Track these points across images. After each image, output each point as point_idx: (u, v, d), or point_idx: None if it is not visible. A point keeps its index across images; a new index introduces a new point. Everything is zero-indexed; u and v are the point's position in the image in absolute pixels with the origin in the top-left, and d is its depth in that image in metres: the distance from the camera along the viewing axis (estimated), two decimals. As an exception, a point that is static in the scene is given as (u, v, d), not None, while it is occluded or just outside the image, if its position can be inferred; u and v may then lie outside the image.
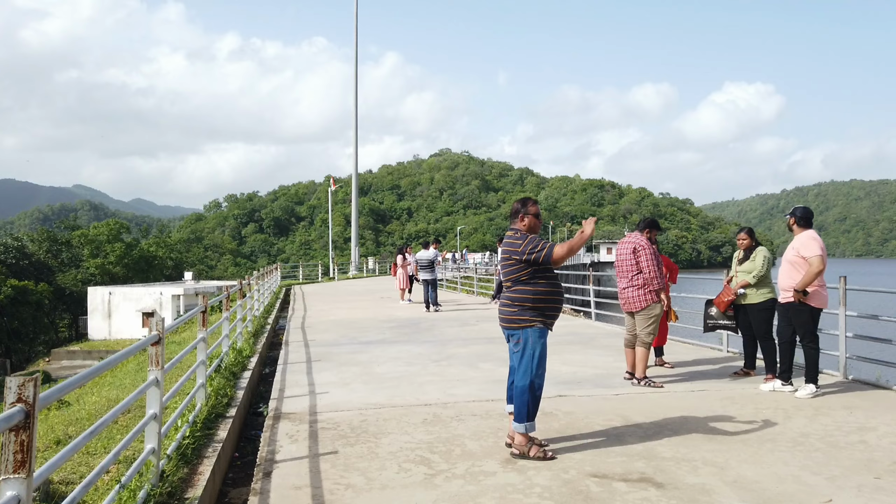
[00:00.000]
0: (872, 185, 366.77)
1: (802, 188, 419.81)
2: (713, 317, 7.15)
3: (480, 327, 11.83)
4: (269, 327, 13.09)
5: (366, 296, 20.78)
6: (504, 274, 4.55)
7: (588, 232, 4.36)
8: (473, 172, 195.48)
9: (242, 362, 8.39)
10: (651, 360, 7.51)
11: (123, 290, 46.47)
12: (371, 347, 9.57)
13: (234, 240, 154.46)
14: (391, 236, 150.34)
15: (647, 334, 6.56)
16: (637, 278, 6.54)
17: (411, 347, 9.50)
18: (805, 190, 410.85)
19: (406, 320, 13.20)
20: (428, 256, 15.76)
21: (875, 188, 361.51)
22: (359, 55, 38.71)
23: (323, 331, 11.74)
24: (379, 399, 6.19)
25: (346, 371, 7.70)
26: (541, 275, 4.41)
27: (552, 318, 4.49)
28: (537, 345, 4.40)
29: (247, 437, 6.40)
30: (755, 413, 5.50)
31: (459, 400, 6.08)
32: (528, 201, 4.60)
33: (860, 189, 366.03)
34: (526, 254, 4.36)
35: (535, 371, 4.38)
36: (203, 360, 5.96)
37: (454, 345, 9.68)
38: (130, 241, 62.10)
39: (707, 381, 6.83)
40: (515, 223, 4.60)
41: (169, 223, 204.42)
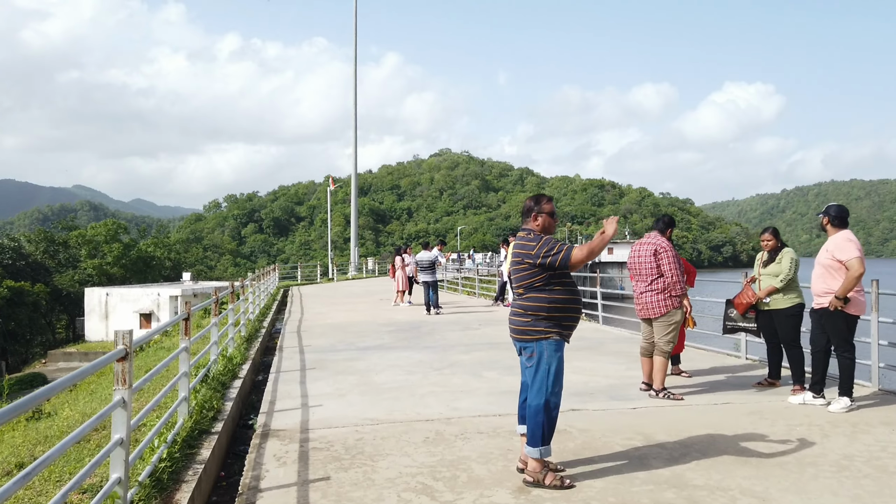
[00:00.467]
0: (873, 185, 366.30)
1: (803, 188, 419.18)
2: (733, 318, 6.67)
3: (483, 332, 11.35)
4: (264, 331, 12.63)
5: (365, 297, 20.30)
6: (515, 280, 4.08)
7: (610, 233, 3.89)
8: (473, 172, 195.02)
9: (233, 370, 7.92)
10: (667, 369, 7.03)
11: (121, 291, 46.01)
12: (369, 354, 9.10)
13: (233, 240, 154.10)
14: (391, 236, 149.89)
15: (667, 343, 6.08)
16: (657, 282, 6.06)
17: (411, 354, 9.02)
18: (805, 190, 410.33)
19: (406, 324, 12.73)
20: (428, 258, 15.28)
21: (875, 188, 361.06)
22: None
23: (319, 335, 11.26)
24: (377, 413, 5.72)
25: (342, 380, 7.22)
26: (557, 280, 3.94)
27: (569, 328, 4.02)
28: (553, 359, 3.93)
29: (235, 454, 5.92)
30: (788, 430, 5.02)
31: (464, 414, 5.60)
32: (541, 198, 4.13)
33: (860, 189, 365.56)
34: (541, 257, 3.89)
35: (550, 389, 3.91)
36: (186, 372, 5.48)
37: (456, 351, 9.21)
38: (128, 241, 61.63)
39: (729, 392, 6.36)
40: (528, 223, 4.13)
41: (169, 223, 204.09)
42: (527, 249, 3.96)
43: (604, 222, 4.03)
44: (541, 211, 4.08)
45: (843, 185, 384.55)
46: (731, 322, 6.69)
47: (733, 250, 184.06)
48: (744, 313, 6.52)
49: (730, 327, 6.74)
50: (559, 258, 3.84)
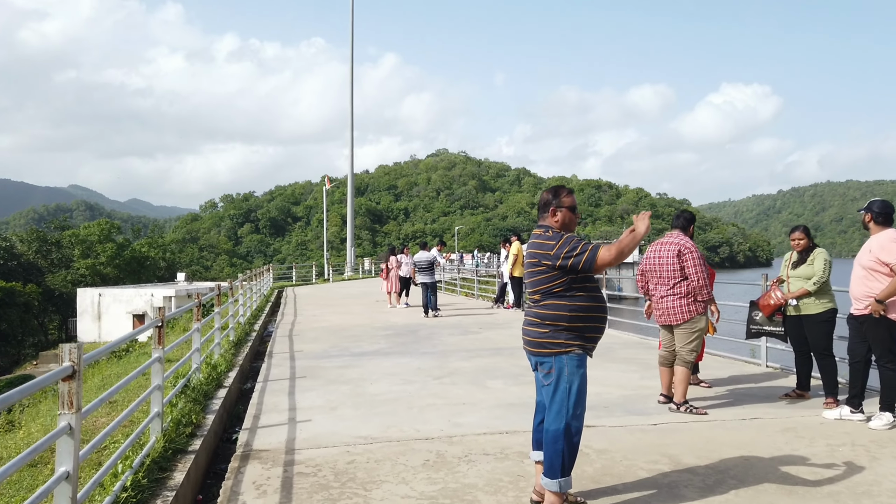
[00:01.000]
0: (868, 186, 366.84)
1: (799, 189, 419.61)
2: (758, 322, 6.13)
3: (485, 336, 10.82)
4: (255, 334, 12.07)
5: (360, 299, 19.75)
6: (531, 284, 3.54)
7: (642, 230, 3.38)
8: (470, 172, 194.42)
9: (217, 379, 7.37)
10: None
11: (114, 292, 45.38)
12: (364, 360, 8.56)
13: (229, 240, 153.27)
14: (388, 237, 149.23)
15: (689, 352, 5.55)
16: (680, 286, 5.53)
17: (409, 360, 8.49)
18: (801, 191, 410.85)
19: (403, 327, 12.19)
20: (427, 258, 14.72)
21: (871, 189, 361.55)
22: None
23: (312, 340, 10.71)
24: (371, 430, 5.18)
25: (333, 391, 6.68)
26: (579, 285, 3.41)
27: (593, 341, 3.49)
28: (575, 376, 3.40)
29: (216, 473, 5.39)
30: (830, 451, 4.50)
31: (467, 432, 5.07)
32: (560, 190, 3.60)
33: (856, 190, 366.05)
34: (561, 258, 3.36)
35: (571, 411, 3.38)
36: (158, 385, 4.94)
37: (457, 357, 8.67)
38: (122, 241, 60.97)
39: (756, 405, 5.83)
40: (545, 218, 3.59)
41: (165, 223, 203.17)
42: (544, 249, 3.43)
43: (634, 218, 3.50)
44: (560, 205, 3.55)
45: (840, 185, 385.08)
46: (755, 326, 6.16)
47: (730, 251, 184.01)
48: (770, 316, 5.99)
49: (754, 331, 6.20)
50: (583, 259, 3.31)
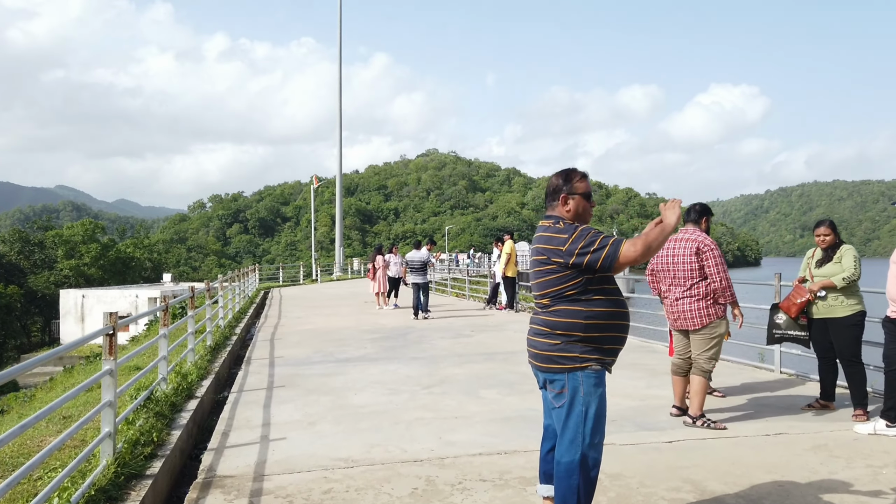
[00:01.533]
0: (855, 186, 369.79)
1: (786, 188, 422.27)
2: (781, 325, 5.59)
3: (477, 339, 10.25)
4: (235, 338, 11.44)
5: (348, 300, 19.14)
6: (538, 287, 2.97)
7: (672, 221, 2.84)
8: (461, 172, 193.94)
9: (188, 388, 6.76)
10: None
11: (97, 293, 44.53)
12: (348, 367, 7.97)
13: (218, 241, 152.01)
14: (378, 237, 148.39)
15: (708, 360, 5.01)
16: (698, 287, 4.98)
17: (397, 367, 7.91)
18: (789, 190, 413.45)
19: (391, 330, 11.61)
20: (420, 258, 14.12)
21: (858, 188, 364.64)
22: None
23: (294, 344, 10.11)
24: (353, 450, 4.60)
25: (313, 403, 6.10)
26: (597, 287, 2.85)
27: (614, 353, 2.93)
28: (592, 397, 2.83)
29: (180, 498, 4.79)
30: (873, 475, 3.97)
31: (461, 452, 4.50)
32: (573, 174, 3.02)
33: (843, 189, 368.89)
34: (576, 254, 2.79)
35: (588, 439, 2.81)
36: (110, 401, 4.34)
37: (448, 363, 8.11)
38: (107, 241, 60.01)
39: (778, 418, 5.30)
40: (554, 208, 3.02)
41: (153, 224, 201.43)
42: (555, 244, 2.86)
43: (661, 207, 2.95)
44: (572, 191, 2.98)
45: (827, 185, 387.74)
46: (779, 330, 5.61)
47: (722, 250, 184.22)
48: (796, 318, 5.45)
49: (778, 336, 5.65)
50: (602, 255, 2.75)
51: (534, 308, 3.06)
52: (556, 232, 2.87)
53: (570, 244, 2.79)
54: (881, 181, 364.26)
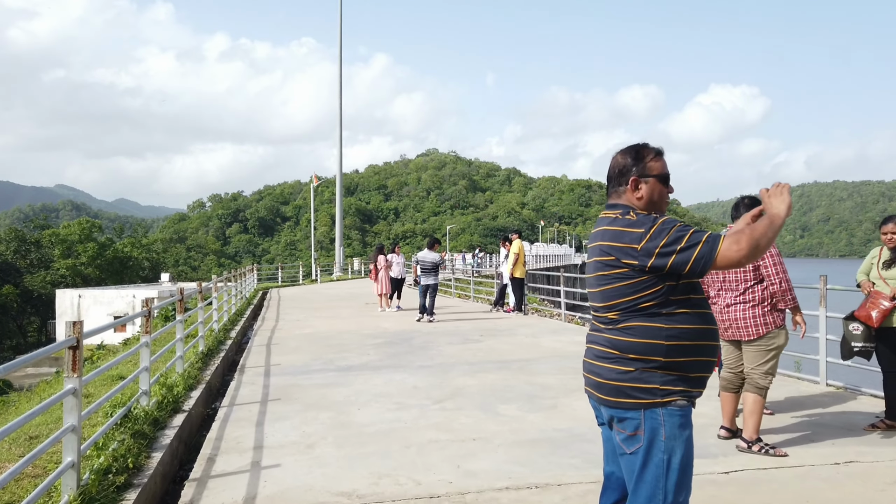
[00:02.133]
0: (855, 186, 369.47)
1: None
2: (858, 337, 4.87)
3: (487, 345, 9.60)
4: (230, 342, 10.79)
5: (349, 301, 18.49)
6: (601, 296, 2.29)
7: (782, 211, 2.19)
8: (461, 172, 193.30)
9: (174, 401, 6.12)
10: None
11: (94, 293, 43.94)
12: (350, 376, 7.33)
13: (217, 240, 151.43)
14: (378, 237, 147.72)
15: (764, 375, 4.36)
16: (752, 291, 4.33)
17: (403, 377, 7.26)
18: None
19: (395, 335, 10.96)
20: (432, 259, 13.32)
21: (858, 189, 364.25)
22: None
23: (292, 350, 9.46)
24: (357, 481, 3.95)
25: (312, 420, 5.45)
26: (681, 297, 2.19)
27: (702, 383, 2.26)
28: (677, 443, 2.16)
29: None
30: (980, 518, 3.33)
31: (484, 485, 3.85)
32: (645, 151, 2.34)
33: (843, 190, 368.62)
34: (657, 254, 2.13)
35: (670, 497, 2.13)
36: (73, 426, 3.70)
37: (459, 372, 7.46)
38: (104, 240, 59.35)
39: (841, 441, 4.65)
40: (621, 195, 2.35)
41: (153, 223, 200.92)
42: (626, 241, 2.20)
43: (762, 194, 2.30)
44: (645, 173, 2.31)
45: (826, 186, 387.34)
46: (857, 343, 4.91)
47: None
48: (879, 328, 4.77)
49: (857, 350, 4.95)
50: (694, 256, 2.09)
51: (592, 324, 2.40)
52: (626, 225, 2.21)
53: (649, 241, 2.13)
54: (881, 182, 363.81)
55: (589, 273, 2.36)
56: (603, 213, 2.37)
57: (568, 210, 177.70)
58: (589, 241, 2.40)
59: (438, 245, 13.79)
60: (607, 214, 2.32)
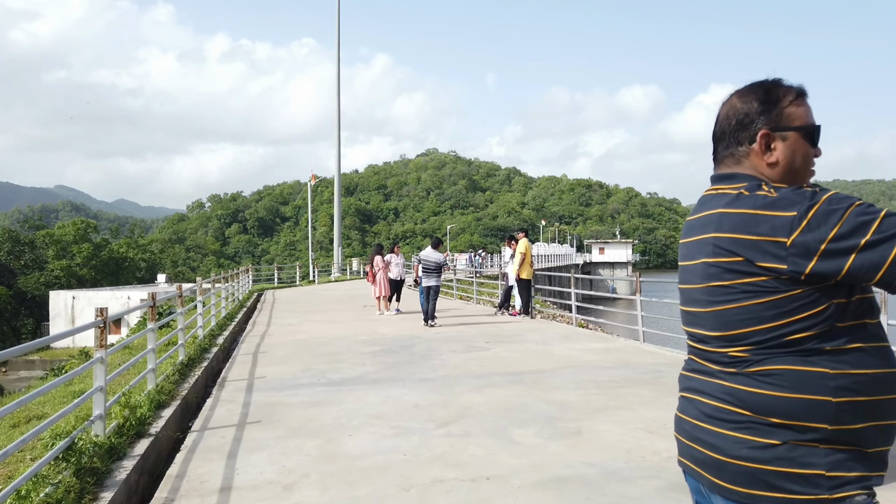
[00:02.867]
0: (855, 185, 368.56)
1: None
2: None
3: (495, 354, 8.77)
4: (217, 349, 9.97)
5: (346, 303, 17.67)
6: (717, 319, 1.42)
7: None
8: (461, 172, 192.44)
9: (139, 424, 5.30)
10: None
11: (88, 295, 43.15)
12: (343, 392, 6.50)
13: (217, 241, 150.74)
14: (377, 237, 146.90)
15: None
16: None
17: (402, 392, 6.44)
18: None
19: (394, 341, 10.13)
20: (436, 259, 12.47)
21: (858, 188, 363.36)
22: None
23: (280, 359, 8.63)
24: (343, 541, 3.13)
25: (294, 450, 4.62)
26: (853, 323, 1.33)
27: (881, 460, 1.42)
28: None
29: None
30: None
31: (505, 548, 3.03)
32: (780, 91, 1.47)
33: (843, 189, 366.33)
34: (823, 251, 1.28)
35: None
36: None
37: (465, 387, 6.63)
38: (100, 241, 58.50)
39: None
40: (739, 159, 1.50)
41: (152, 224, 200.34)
42: (762, 232, 1.33)
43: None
44: (781, 124, 1.45)
45: (827, 185, 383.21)
46: None
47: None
48: None
49: None
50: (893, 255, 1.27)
51: (696, 362, 1.54)
52: (762, 206, 1.35)
53: (806, 230, 1.28)
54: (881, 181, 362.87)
55: (689, 282, 1.51)
56: (711, 190, 1.53)
57: (568, 210, 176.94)
58: (685, 233, 1.56)
59: (442, 245, 12.95)
60: (721, 190, 1.48)
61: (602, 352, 8.78)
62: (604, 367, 7.67)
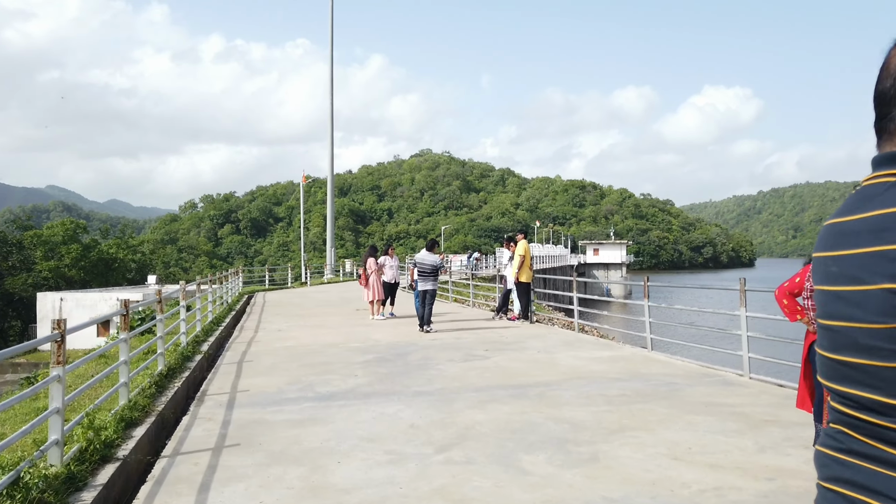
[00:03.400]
0: (847, 187, 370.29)
1: (779, 189, 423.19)
2: None
3: (495, 363, 8.25)
4: (200, 357, 9.41)
5: (339, 307, 17.12)
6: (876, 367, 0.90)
7: None
8: (454, 173, 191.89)
9: (104, 448, 4.75)
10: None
11: (76, 296, 42.41)
12: (332, 408, 5.96)
13: (209, 241, 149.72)
14: (371, 237, 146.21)
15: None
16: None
17: (396, 408, 5.90)
18: (781, 191, 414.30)
19: (388, 348, 9.60)
20: (432, 261, 11.94)
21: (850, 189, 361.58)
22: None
23: (266, 370, 8.08)
24: None
25: (275, 482, 4.08)
26: None
27: None
28: None
29: None
30: None
31: None
32: None
33: (835, 190, 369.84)
34: None
35: None
36: None
37: (465, 402, 6.11)
38: (89, 241, 57.68)
39: None
40: None
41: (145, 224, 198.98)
42: None
43: None
44: None
45: (819, 186, 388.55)
46: None
47: (714, 251, 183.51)
48: None
49: None
50: None
51: (862, 442, 1.01)
52: None
53: None
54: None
55: (847, 317, 0.98)
56: (878, 177, 1.01)
57: (562, 210, 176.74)
58: (833, 241, 1.03)
59: (438, 247, 12.41)
60: (882, 179, 0.97)
61: (609, 361, 8.28)
62: (613, 378, 7.17)
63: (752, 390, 6.45)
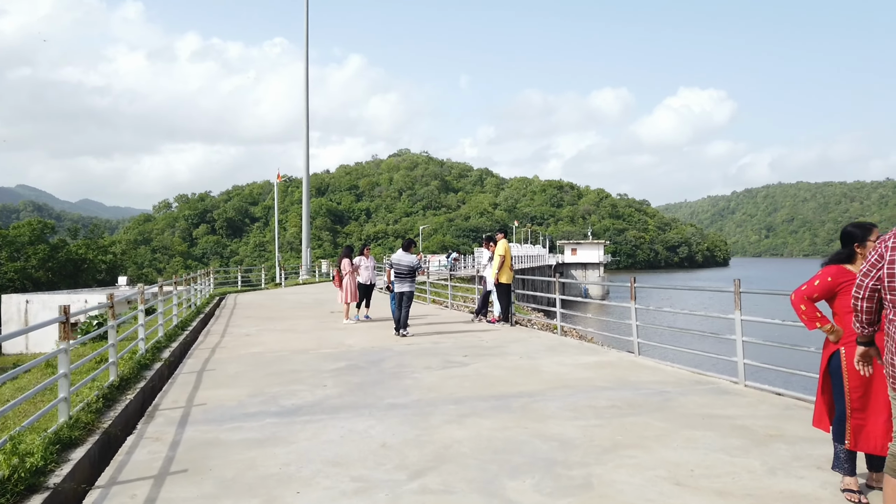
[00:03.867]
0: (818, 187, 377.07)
1: (752, 190, 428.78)
2: None
3: (475, 370, 7.74)
4: (160, 365, 8.75)
5: (312, 309, 16.50)
6: None
7: None
8: (433, 173, 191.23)
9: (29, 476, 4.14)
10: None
11: (42, 298, 41.10)
12: (296, 424, 5.41)
13: (184, 241, 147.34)
14: (349, 237, 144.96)
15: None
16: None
17: (367, 424, 5.37)
18: (754, 192, 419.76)
19: (361, 355, 9.04)
20: (408, 262, 11.40)
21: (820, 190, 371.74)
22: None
23: (228, 380, 7.48)
24: None
25: (223, 518, 3.53)
26: None
27: None
28: None
29: None
30: None
31: None
32: None
33: (806, 191, 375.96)
34: None
35: None
36: None
37: (442, 416, 5.59)
38: (57, 242, 56.12)
39: None
40: None
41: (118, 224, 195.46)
42: None
43: None
44: None
45: (790, 187, 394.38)
46: None
47: (689, 251, 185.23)
48: None
49: None
50: None
51: None
52: None
53: None
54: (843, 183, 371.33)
55: None
56: None
57: (540, 210, 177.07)
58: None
59: (414, 247, 11.87)
60: None
61: (595, 367, 7.82)
62: (600, 386, 6.70)
63: (750, 399, 6.02)
